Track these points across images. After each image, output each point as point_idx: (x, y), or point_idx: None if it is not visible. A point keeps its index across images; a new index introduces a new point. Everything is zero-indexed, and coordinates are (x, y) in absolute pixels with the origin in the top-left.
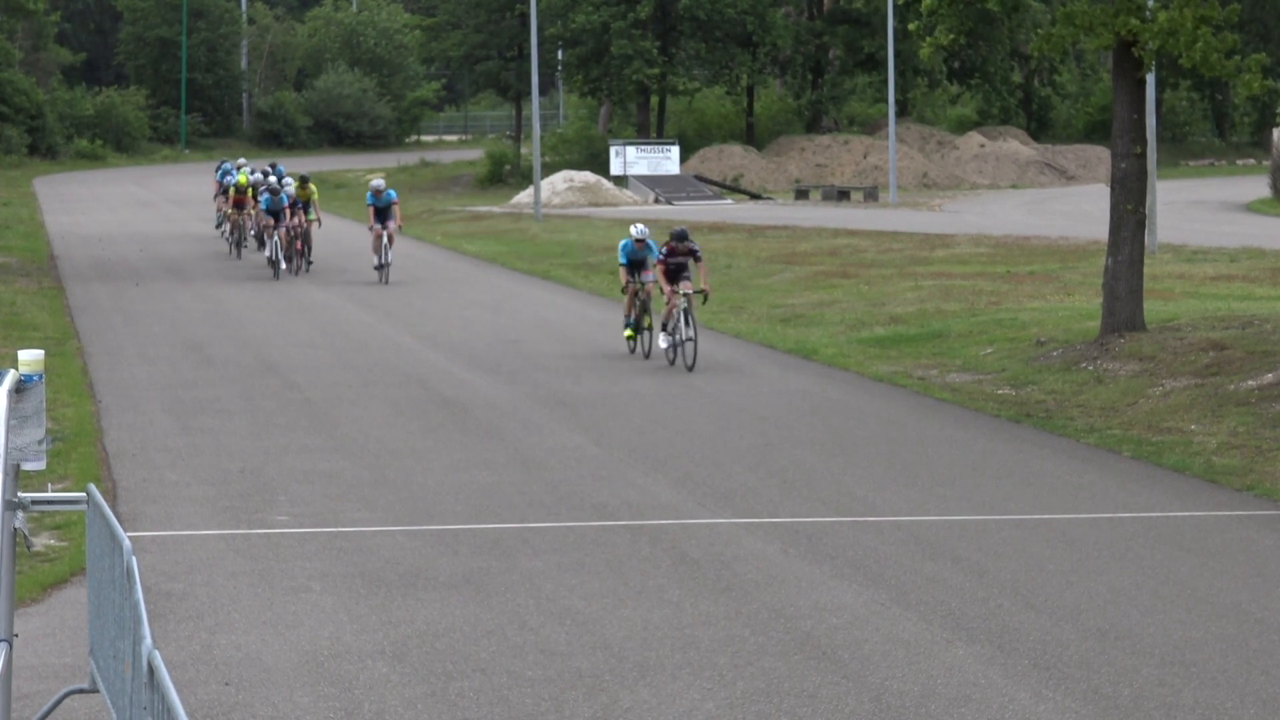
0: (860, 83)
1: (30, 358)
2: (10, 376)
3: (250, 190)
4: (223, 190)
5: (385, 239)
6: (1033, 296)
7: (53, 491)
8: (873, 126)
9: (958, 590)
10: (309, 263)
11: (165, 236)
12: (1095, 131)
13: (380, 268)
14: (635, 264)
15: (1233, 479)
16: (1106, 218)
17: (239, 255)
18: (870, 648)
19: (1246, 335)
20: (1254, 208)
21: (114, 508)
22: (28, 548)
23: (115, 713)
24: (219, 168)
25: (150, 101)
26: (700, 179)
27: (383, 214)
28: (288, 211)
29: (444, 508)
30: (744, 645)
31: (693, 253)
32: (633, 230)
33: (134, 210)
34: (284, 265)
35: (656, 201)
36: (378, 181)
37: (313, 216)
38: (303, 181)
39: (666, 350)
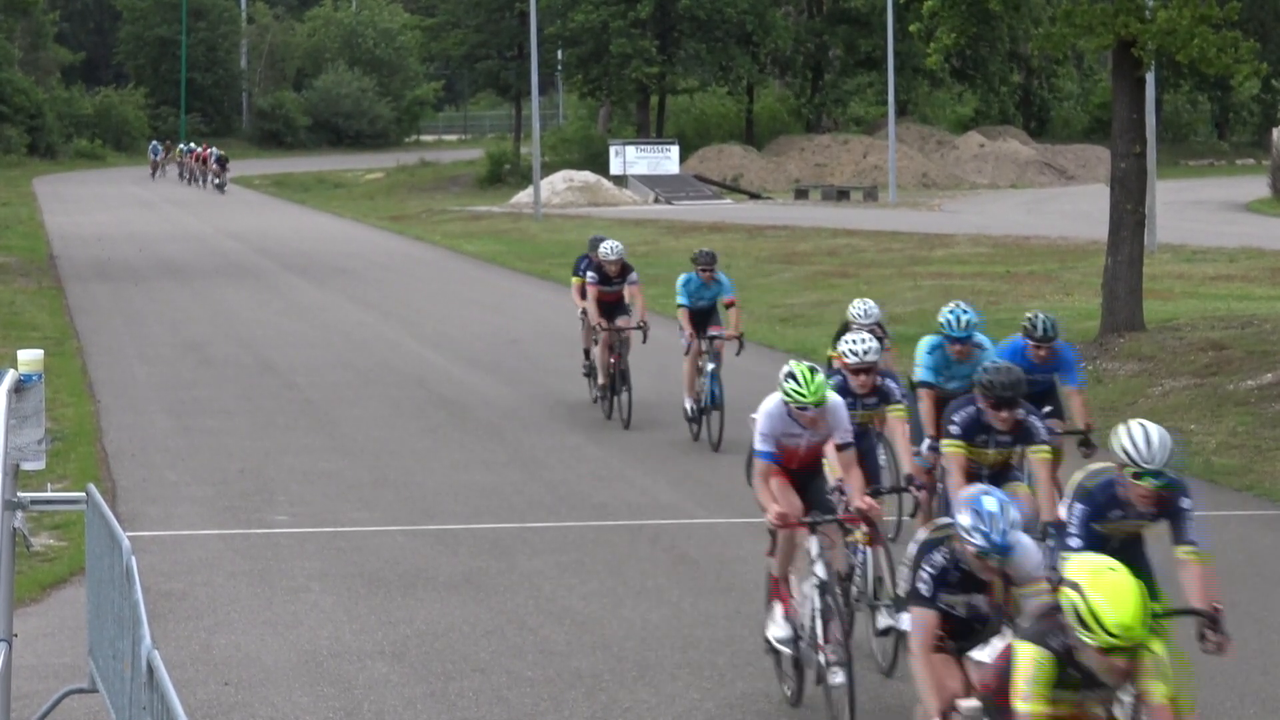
0: (860, 83)
1: (30, 357)
2: (10, 376)
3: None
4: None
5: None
6: (1032, 296)
7: (52, 491)
8: (872, 126)
9: None
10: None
11: (165, 236)
12: (1095, 131)
13: (694, 418)
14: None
15: (1232, 479)
16: (1106, 218)
17: (608, 412)
18: (870, 648)
19: (1246, 335)
20: (1254, 208)
21: (113, 508)
22: (27, 547)
23: (114, 712)
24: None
25: (150, 101)
26: (700, 179)
27: (704, 320)
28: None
29: (444, 508)
30: (744, 645)
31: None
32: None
33: (134, 210)
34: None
35: (656, 201)
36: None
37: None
38: (619, 266)
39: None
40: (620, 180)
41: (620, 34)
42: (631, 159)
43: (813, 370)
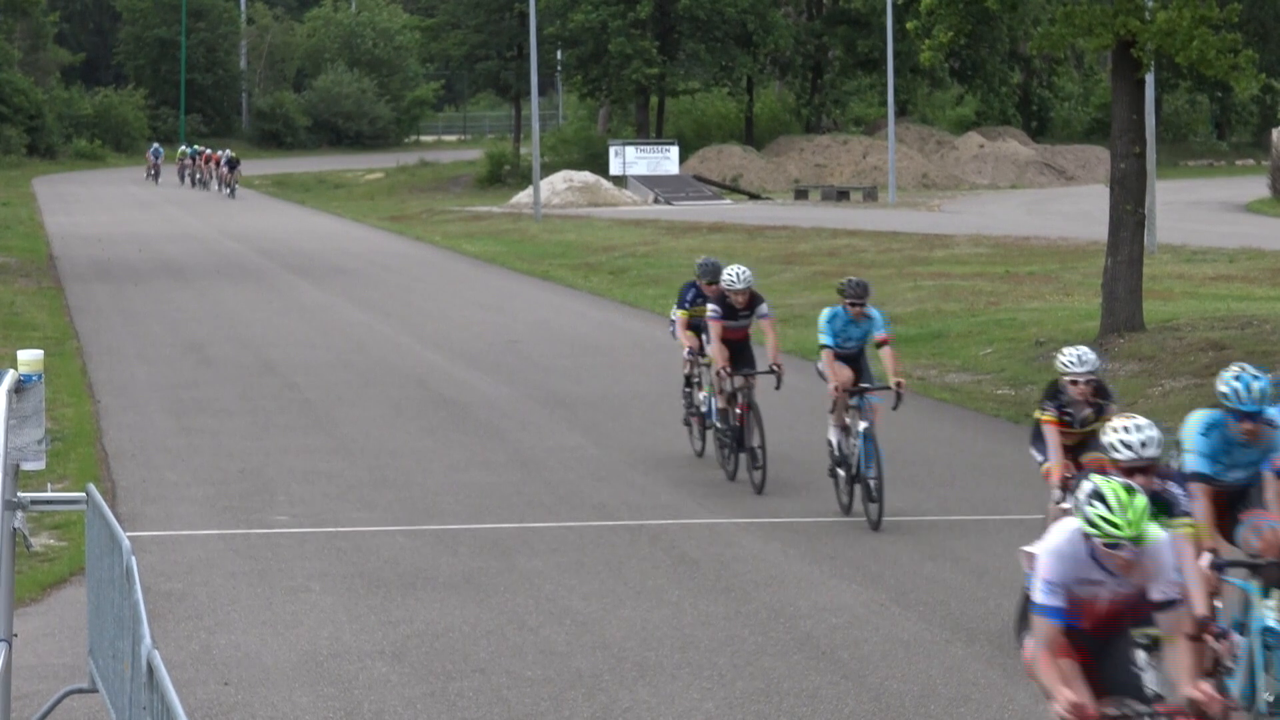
0: (860, 84)
1: (30, 358)
2: (10, 376)
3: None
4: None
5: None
6: (1032, 297)
7: (52, 491)
8: (872, 127)
9: (958, 590)
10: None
11: (165, 237)
12: (1095, 132)
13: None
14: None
15: None
16: (1106, 218)
17: (732, 471)
18: (870, 648)
19: (1246, 335)
20: (1253, 208)
21: (113, 508)
22: (27, 547)
23: (114, 712)
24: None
25: (149, 102)
26: (699, 179)
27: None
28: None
29: (443, 508)
30: (744, 645)
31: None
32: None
33: (133, 210)
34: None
35: (656, 201)
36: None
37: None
38: (748, 296)
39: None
40: (620, 181)
41: (620, 34)
42: (631, 159)
43: (1130, 490)
